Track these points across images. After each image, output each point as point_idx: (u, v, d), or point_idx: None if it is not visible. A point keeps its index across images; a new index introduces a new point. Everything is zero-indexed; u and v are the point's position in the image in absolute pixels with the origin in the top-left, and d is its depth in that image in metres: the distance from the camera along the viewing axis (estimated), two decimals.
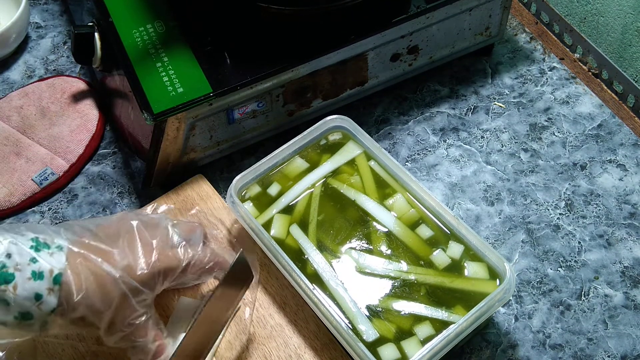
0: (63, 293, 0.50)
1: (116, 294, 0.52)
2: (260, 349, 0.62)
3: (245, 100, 0.69)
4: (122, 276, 0.52)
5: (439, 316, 0.59)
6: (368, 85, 0.77)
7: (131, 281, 0.52)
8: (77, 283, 0.51)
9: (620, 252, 0.69)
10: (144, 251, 0.54)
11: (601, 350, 0.64)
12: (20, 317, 0.49)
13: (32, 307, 0.49)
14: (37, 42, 0.89)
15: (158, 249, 0.55)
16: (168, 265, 0.54)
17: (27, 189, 0.74)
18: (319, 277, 0.62)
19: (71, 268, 0.51)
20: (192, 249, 0.57)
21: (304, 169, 0.69)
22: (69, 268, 0.51)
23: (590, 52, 0.86)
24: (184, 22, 0.71)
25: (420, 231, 0.64)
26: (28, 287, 0.49)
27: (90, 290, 0.51)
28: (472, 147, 0.78)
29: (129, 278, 0.52)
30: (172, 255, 0.55)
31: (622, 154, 0.76)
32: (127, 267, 0.53)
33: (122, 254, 0.53)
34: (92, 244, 0.53)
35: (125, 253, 0.53)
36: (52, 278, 0.50)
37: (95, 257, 0.52)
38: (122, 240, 0.54)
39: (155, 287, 0.54)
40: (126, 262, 0.53)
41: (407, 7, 0.72)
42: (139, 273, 0.53)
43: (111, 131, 0.80)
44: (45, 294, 0.49)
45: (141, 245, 0.54)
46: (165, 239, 0.56)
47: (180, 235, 0.57)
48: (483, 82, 0.83)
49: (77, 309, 0.51)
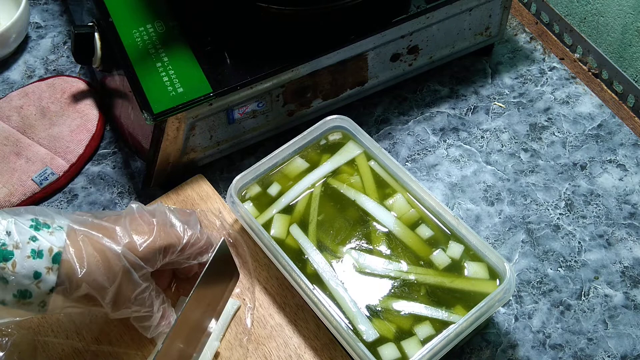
0: (64, 271, 0.50)
1: (119, 269, 0.53)
2: (260, 349, 0.62)
3: (245, 100, 0.69)
4: (124, 251, 0.53)
5: (439, 316, 0.59)
6: (368, 85, 0.77)
7: (133, 257, 0.53)
8: (80, 259, 0.51)
9: (620, 252, 0.69)
10: (145, 228, 0.55)
11: (601, 350, 0.64)
12: (19, 296, 0.49)
13: (31, 285, 0.49)
14: (37, 42, 0.89)
15: (159, 226, 0.56)
16: (169, 242, 0.56)
17: (27, 189, 0.74)
18: (319, 277, 0.62)
19: (72, 245, 0.51)
20: (191, 230, 0.58)
21: (304, 169, 0.69)
22: (70, 245, 0.51)
23: (590, 52, 0.86)
24: (184, 22, 0.71)
25: (420, 231, 0.64)
26: (27, 265, 0.49)
27: (93, 266, 0.51)
28: (472, 147, 0.78)
29: (130, 253, 0.53)
30: (172, 233, 0.56)
31: (622, 154, 0.76)
32: (128, 243, 0.54)
33: (124, 230, 0.54)
34: (94, 221, 0.54)
35: (126, 230, 0.54)
36: (51, 257, 0.50)
37: (97, 234, 0.53)
38: (123, 220, 0.55)
39: (156, 263, 0.56)
40: (128, 239, 0.54)
41: (407, 7, 0.72)
42: (141, 249, 0.54)
43: (111, 131, 0.80)
44: (44, 272, 0.50)
45: (142, 223, 0.55)
46: (164, 219, 0.57)
47: (178, 218, 0.59)
48: (483, 82, 0.83)
49: (80, 286, 0.51)
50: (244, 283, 0.66)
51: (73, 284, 0.51)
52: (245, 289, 0.65)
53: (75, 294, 0.52)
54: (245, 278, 0.66)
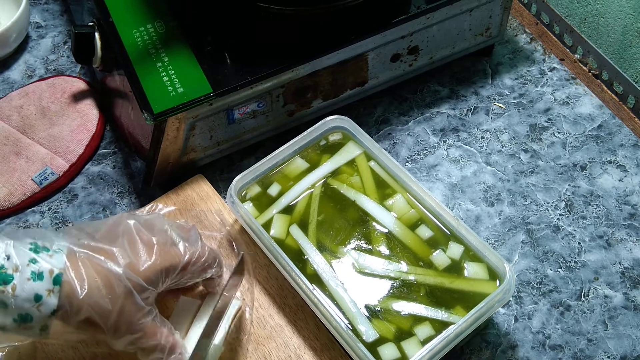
0: (64, 293, 0.49)
1: (121, 290, 0.51)
2: (260, 349, 0.62)
3: (246, 100, 0.69)
4: (125, 272, 0.51)
5: (438, 317, 0.59)
6: (368, 86, 0.77)
7: (135, 277, 0.52)
8: (80, 281, 0.50)
9: (620, 252, 0.69)
10: (145, 248, 0.53)
11: (601, 351, 0.64)
12: (19, 320, 0.48)
13: (32, 308, 0.48)
14: (37, 42, 0.89)
15: (159, 246, 0.54)
16: (170, 262, 0.54)
17: (27, 189, 0.74)
18: (318, 277, 0.62)
19: (72, 267, 0.50)
20: (192, 247, 0.56)
21: (304, 169, 0.69)
22: (70, 267, 0.50)
23: (591, 53, 0.86)
24: (184, 22, 0.71)
25: (420, 232, 0.64)
26: (27, 287, 0.48)
27: (94, 287, 0.50)
28: (472, 147, 0.78)
29: (132, 274, 0.52)
30: (173, 252, 0.55)
31: (622, 155, 0.76)
32: (129, 265, 0.52)
33: (123, 252, 0.53)
34: (92, 244, 0.53)
35: (126, 251, 0.53)
36: (52, 278, 0.49)
37: (98, 256, 0.51)
38: (121, 240, 0.54)
39: (158, 284, 0.54)
40: (128, 260, 0.52)
41: (407, 8, 0.72)
42: (142, 270, 0.52)
43: (111, 131, 0.80)
44: (45, 295, 0.48)
45: (142, 243, 0.54)
46: (164, 237, 0.55)
47: (179, 234, 0.57)
48: (483, 82, 0.83)
49: (81, 309, 0.50)
50: (244, 283, 0.66)
51: (74, 307, 0.50)
52: (245, 289, 0.65)
53: (77, 318, 0.50)
54: (245, 278, 0.66)
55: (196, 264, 0.56)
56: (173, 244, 0.55)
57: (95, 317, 0.50)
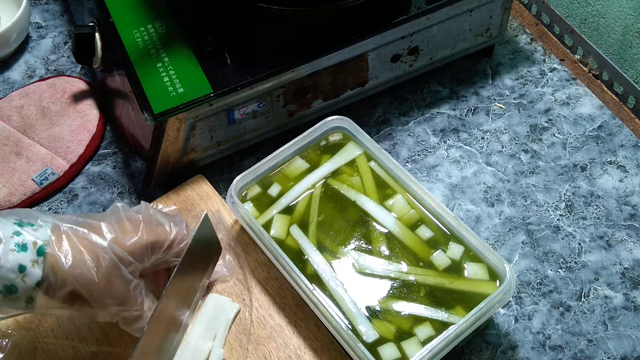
0: (49, 265, 0.50)
1: (107, 263, 0.52)
2: (260, 349, 0.62)
3: (246, 100, 0.69)
4: (110, 246, 0.52)
5: (439, 317, 0.59)
6: (368, 86, 0.77)
7: (121, 251, 0.53)
8: (65, 252, 0.50)
9: (620, 253, 0.69)
10: (131, 225, 0.55)
11: (601, 351, 0.63)
12: (5, 291, 0.49)
13: (16, 279, 0.49)
14: (37, 42, 0.89)
15: (145, 224, 0.55)
16: (156, 238, 0.55)
17: (27, 189, 0.74)
18: (319, 277, 0.62)
19: (57, 240, 0.51)
20: (177, 227, 0.58)
21: (304, 169, 0.69)
22: (55, 240, 0.51)
23: (591, 54, 0.86)
24: (184, 22, 0.71)
25: (420, 232, 0.64)
26: (11, 258, 0.48)
27: (79, 259, 0.51)
28: (473, 148, 0.78)
29: (118, 248, 0.53)
30: (159, 230, 0.56)
31: (623, 156, 0.76)
32: (115, 239, 0.53)
33: (110, 227, 0.54)
34: (78, 219, 0.54)
35: (112, 226, 0.54)
36: (35, 250, 0.50)
37: (83, 229, 0.52)
38: (108, 217, 0.55)
39: (144, 259, 0.55)
40: (114, 235, 0.53)
41: (407, 8, 0.72)
42: (128, 244, 0.53)
43: (111, 131, 0.80)
44: (29, 265, 0.49)
45: (128, 220, 0.55)
46: (150, 217, 0.56)
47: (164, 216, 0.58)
48: (483, 83, 0.83)
49: (66, 281, 0.50)
50: (244, 283, 0.66)
51: (59, 278, 0.50)
52: (245, 289, 0.65)
53: (62, 290, 0.51)
54: (244, 278, 0.66)
55: (181, 243, 0.57)
56: (159, 223, 0.57)
57: (81, 289, 0.51)
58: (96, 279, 0.51)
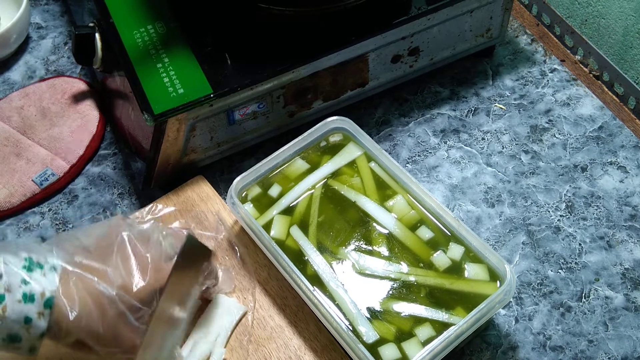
0: (54, 316, 0.49)
1: (113, 312, 0.51)
2: (261, 350, 0.62)
3: (246, 101, 0.69)
4: (118, 294, 0.51)
5: (439, 318, 0.59)
6: (369, 87, 0.77)
7: (129, 299, 0.51)
8: (71, 304, 0.49)
9: (620, 254, 0.69)
10: (139, 267, 0.53)
11: (602, 352, 0.63)
12: (8, 340, 0.48)
13: (21, 329, 0.48)
14: (37, 43, 0.89)
15: (153, 264, 0.53)
16: (164, 281, 0.53)
17: (27, 190, 0.74)
18: (319, 278, 0.62)
19: (64, 289, 0.50)
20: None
21: (305, 170, 0.69)
22: (62, 289, 0.50)
23: (591, 54, 0.86)
24: (184, 23, 0.71)
25: (420, 233, 0.64)
26: (18, 309, 0.48)
27: (85, 310, 0.50)
28: (473, 148, 0.78)
29: (126, 296, 0.51)
30: (167, 269, 0.54)
31: (623, 156, 0.76)
32: (122, 286, 0.51)
33: (116, 271, 0.52)
34: (84, 262, 0.52)
35: (119, 270, 0.52)
36: (43, 301, 0.49)
37: (91, 277, 0.51)
38: (115, 257, 0.53)
39: (152, 303, 0.53)
40: (121, 281, 0.52)
41: (408, 9, 0.72)
42: (136, 290, 0.52)
43: (111, 132, 0.80)
44: (35, 317, 0.48)
45: (135, 261, 0.53)
46: (159, 251, 0.54)
47: (173, 246, 0.56)
48: (484, 83, 0.83)
49: (71, 332, 0.50)
50: (244, 284, 0.66)
51: (63, 329, 0.49)
52: (245, 290, 0.65)
53: (67, 340, 0.50)
54: (245, 279, 0.66)
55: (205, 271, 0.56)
56: (168, 258, 0.55)
57: (86, 338, 0.50)
58: (101, 330, 0.50)
